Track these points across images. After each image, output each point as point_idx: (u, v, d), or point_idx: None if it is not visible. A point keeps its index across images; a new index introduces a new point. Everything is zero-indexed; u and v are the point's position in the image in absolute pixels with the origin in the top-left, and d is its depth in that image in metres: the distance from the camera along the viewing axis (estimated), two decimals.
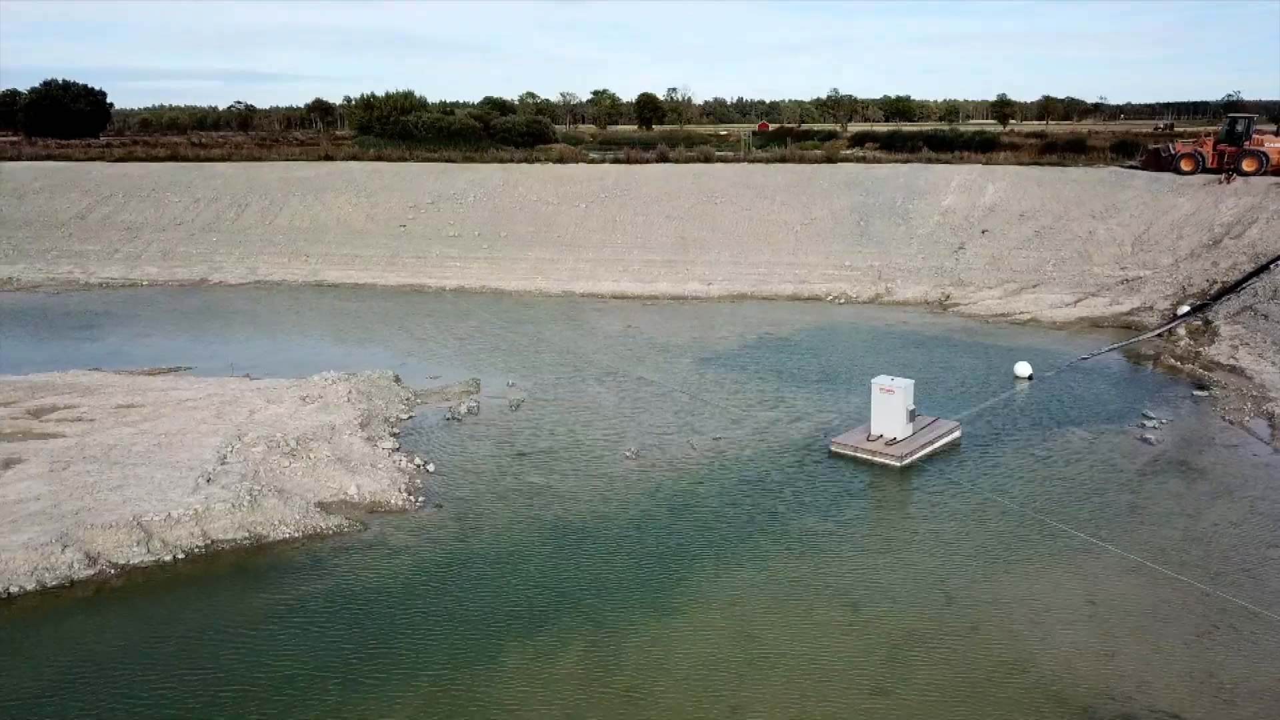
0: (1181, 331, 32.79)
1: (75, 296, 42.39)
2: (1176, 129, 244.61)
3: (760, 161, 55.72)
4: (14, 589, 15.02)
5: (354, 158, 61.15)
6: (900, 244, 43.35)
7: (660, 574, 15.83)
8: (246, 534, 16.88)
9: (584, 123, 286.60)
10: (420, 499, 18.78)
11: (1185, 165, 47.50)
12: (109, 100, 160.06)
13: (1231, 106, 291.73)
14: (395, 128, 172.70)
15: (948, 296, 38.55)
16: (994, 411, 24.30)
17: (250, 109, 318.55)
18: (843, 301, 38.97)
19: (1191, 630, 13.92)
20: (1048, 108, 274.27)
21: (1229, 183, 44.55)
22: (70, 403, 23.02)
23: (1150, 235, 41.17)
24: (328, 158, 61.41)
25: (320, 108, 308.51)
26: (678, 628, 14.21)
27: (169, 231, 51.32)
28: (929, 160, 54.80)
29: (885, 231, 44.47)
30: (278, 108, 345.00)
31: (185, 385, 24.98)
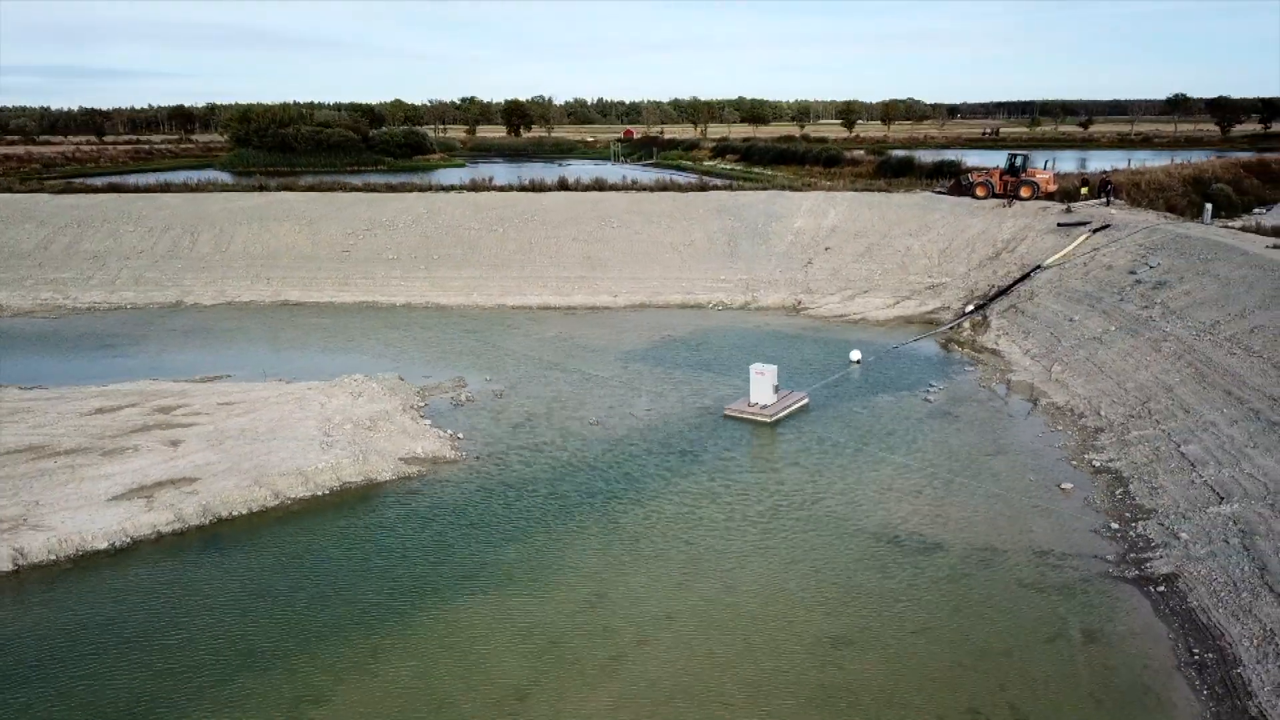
0: (967, 325, 44.98)
1: (73, 320, 49.34)
2: (1002, 131, 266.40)
3: (646, 189, 66.32)
4: (235, 513, 24.10)
5: (287, 188, 68.69)
6: (762, 260, 54.73)
7: (633, 484, 26.06)
8: (363, 478, 26.29)
9: (451, 124, 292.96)
10: (464, 453, 28.48)
11: (979, 192, 60.67)
12: None
13: (1045, 109, 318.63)
14: (273, 140, 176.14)
15: (800, 302, 49.99)
16: (832, 385, 35.45)
17: (101, 113, 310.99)
18: (720, 308, 49.90)
19: (934, 494, 25.09)
20: (889, 110, 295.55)
21: (1010, 206, 57.71)
22: (180, 403, 31.55)
23: (951, 249, 53.69)
24: (262, 189, 68.76)
25: (182, 114, 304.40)
26: (651, 509, 24.48)
27: (133, 259, 58.22)
28: (783, 187, 66.63)
29: (750, 250, 55.79)
30: (121, 109, 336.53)
31: (255, 388, 33.67)
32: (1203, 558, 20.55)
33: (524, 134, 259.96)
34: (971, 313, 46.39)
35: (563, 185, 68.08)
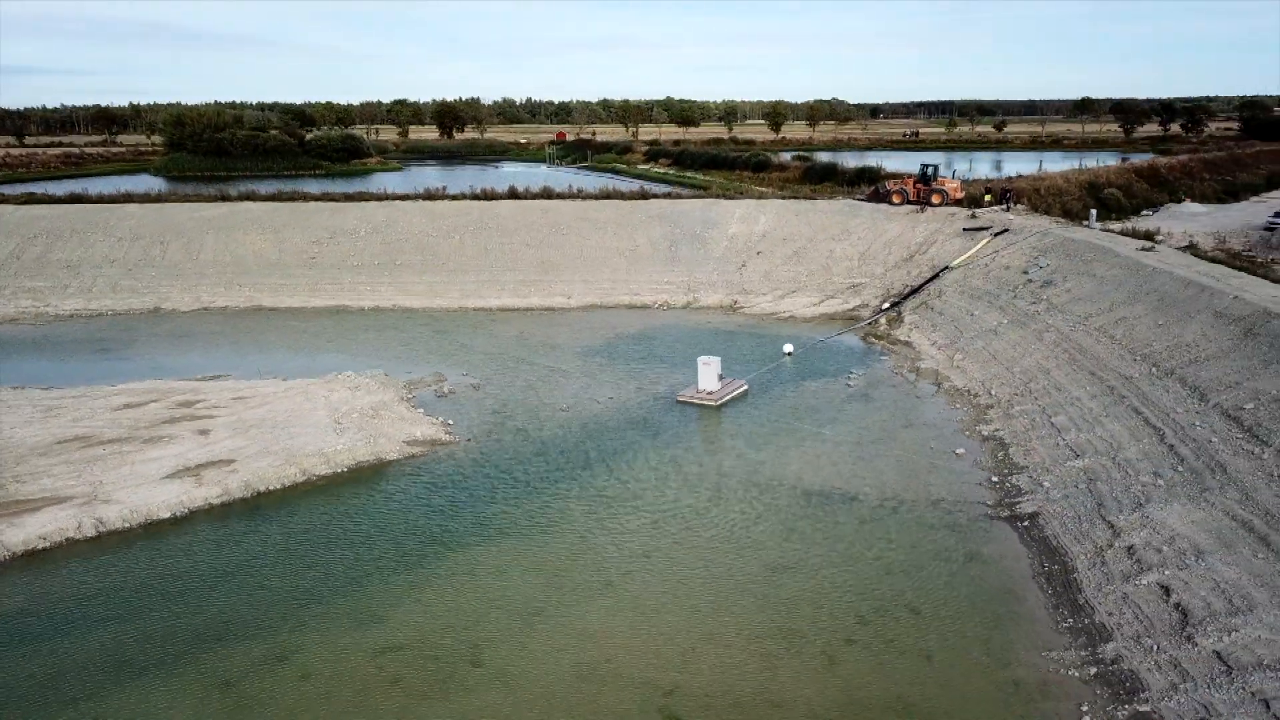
0: (883, 320, 50.84)
1: (58, 327, 52.48)
2: (921, 133, 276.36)
3: (591, 198, 71.27)
4: (272, 487, 28.51)
5: (248, 197, 72.01)
6: (701, 264, 60.10)
7: (604, 457, 31.05)
8: (374, 457, 30.85)
9: (382, 125, 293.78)
10: (457, 436, 33.18)
11: (895, 199, 66.91)
12: None
13: (963, 111, 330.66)
14: (209, 144, 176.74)
15: (735, 302, 55.44)
16: (768, 373, 40.84)
17: (20, 115, 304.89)
18: (665, 308, 55.08)
19: (853, 459, 30.56)
20: (814, 111, 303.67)
21: (923, 212, 63.95)
22: (197, 398, 35.62)
23: (870, 252, 59.65)
24: (224, 198, 72.03)
25: (105, 116, 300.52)
26: (622, 475, 29.51)
27: (106, 268, 61.30)
28: (718, 195, 72.14)
29: (690, 254, 61.12)
30: (33, 109, 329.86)
31: (259, 385, 37.77)
32: (1058, 500, 26.33)
33: (456, 136, 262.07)
34: (887, 309, 52.28)
35: (513, 194, 72.61)
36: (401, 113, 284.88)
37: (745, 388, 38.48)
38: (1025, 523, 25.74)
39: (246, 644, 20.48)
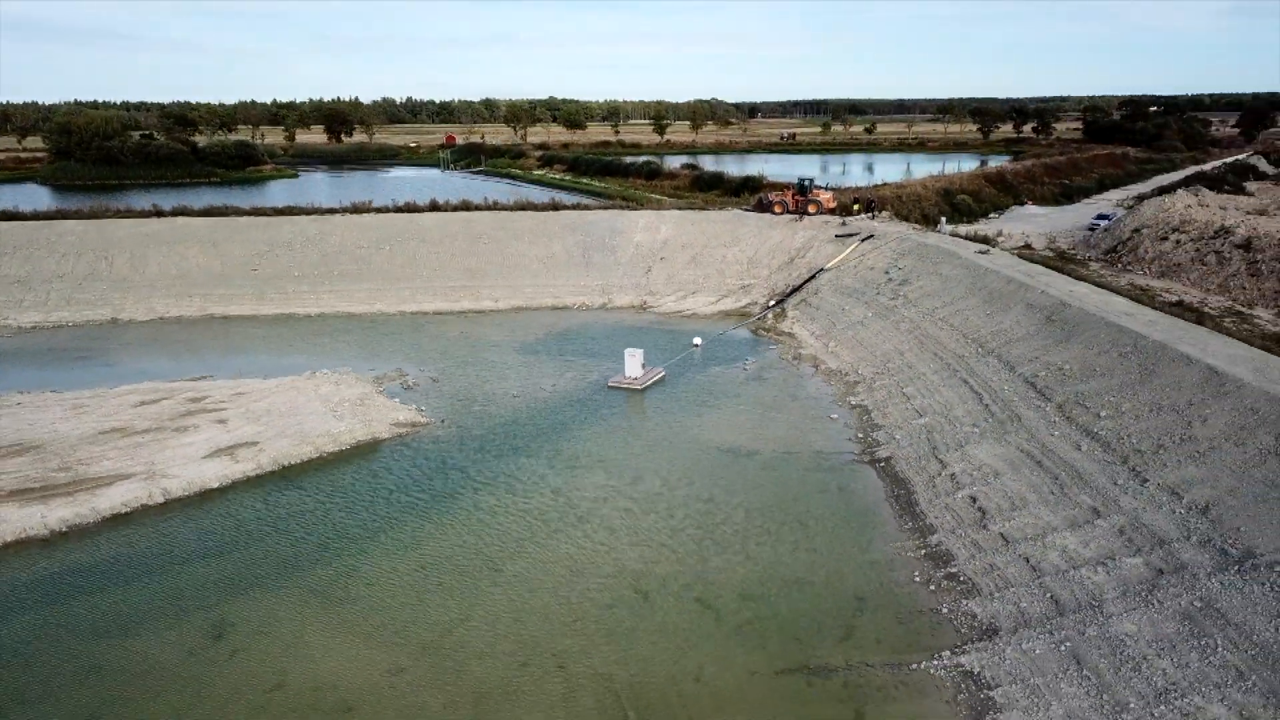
0: (770, 316, 59.84)
1: (25, 339, 56.96)
2: (798, 136, 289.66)
3: (508, 209, 78.53)
4: (294, 462, 35.31)
5: (182, 212, 76.63)
6: (612, 269, 68.19)
7: (558, 429, 38.81)
8: (371, 437, 37.87)
9: (263, 124, 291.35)
10: (432, 419, 40.41)
11: (777, 209, 76.28)
12: None
13: (836, 112, 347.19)
14: (98, 153, 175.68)
15: (645, 302, 63.71)
16: (681, 362, 49.19)
17: None
18: (584, 309, 62.92)
19: (753, 424, 39.10)
20: (696, 112, 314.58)
21: (801, 221, 73.43)
22: (203, 395, 41.81)
23: (757, 256, 68.72)
24: (159, 214, 76.53)
25: None
26: (573, 442, 37.33)
27: (56, 283, 65.56)
28: (622, 205, 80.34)
29: (601, 260, 69.13)
30: None
31: (250, 383, 44.04)
32: (905, 447, 35.39)
33: (345, 139, 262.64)
34: (773, 306, 61.33)
35: (434, 206, 79.23)
36: (288, 116, 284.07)
37: (663, 374, 46.71)
38: (881, 464, 34.69)
39: (319, 567, 27.64)
